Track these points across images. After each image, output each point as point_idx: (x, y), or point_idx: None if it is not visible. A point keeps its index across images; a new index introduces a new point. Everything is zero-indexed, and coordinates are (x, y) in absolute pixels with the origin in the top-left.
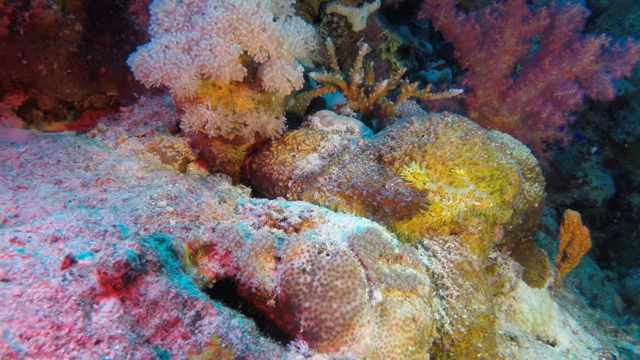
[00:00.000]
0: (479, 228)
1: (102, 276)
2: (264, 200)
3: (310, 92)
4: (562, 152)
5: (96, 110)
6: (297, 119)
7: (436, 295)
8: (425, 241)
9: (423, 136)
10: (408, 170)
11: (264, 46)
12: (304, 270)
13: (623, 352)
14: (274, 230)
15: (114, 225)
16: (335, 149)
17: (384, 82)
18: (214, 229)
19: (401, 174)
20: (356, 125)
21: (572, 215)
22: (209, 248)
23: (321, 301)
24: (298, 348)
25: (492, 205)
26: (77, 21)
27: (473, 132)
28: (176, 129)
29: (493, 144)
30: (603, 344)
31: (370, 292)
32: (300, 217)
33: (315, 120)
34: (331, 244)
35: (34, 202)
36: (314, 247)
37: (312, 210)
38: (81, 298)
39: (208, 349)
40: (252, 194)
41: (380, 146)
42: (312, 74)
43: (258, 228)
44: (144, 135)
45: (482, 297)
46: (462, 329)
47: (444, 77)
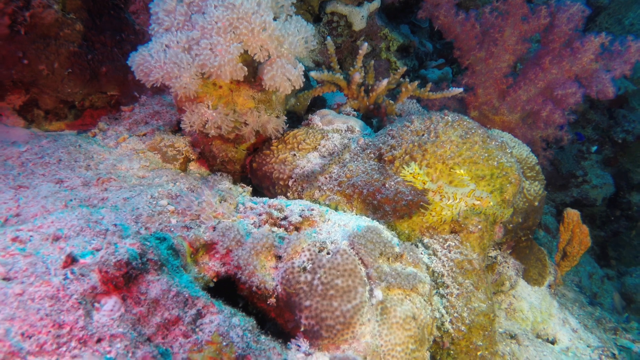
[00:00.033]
0: (479, 227)
1: (103, 275)
2: (264, 199)
3: (310, 91)
4: (562, 150)
5: (97, 110)
6: (297, 118)
7: (436, 293)
8: (426, 240)
9: (423, 135)
10: (407, 171)
11: (264, 45)
12: (304, 269)
13: (622, 350)
14: (275, 229)
15: (115, 224)
16: (336, 147)
17: (384, 81)
18: (214, 228)
19: (400, 174)
20: (356, 124)
21: (572, 214)
22: (209, 247)
23: (322, 300)
24: (299, 346)
25: (492, 204)
26: (77, 21)
27: (473, 131)
28: (177, 128)
29: (493, 143)
30: (602, 342)
31: (371, 290)
32: (300, 216)
33: (316, 119)
34: (332, 242)
35: (35, 201)
36: (315, 245)
37: (312, 209)
38: (82, 297)
39: (209, 347)
40: (252, 193)
41: (381, 145)
42: (312, 73)
43: (259, 227)
44: (144, 135)
45: (482, 295)
46: (462, 327)
47: (444, 76)
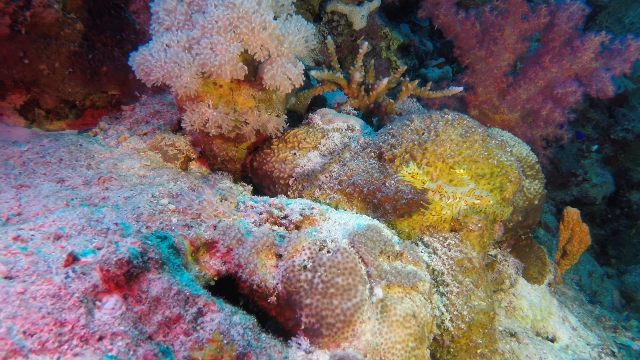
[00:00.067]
0: (479, 225)
1: (104, 273)
2: (265, 198)
3: (311, 91)
4: (562, 149)
5: (98, 109)
6: (298, 117)
7: (436, 291)
8: (426, 238)
9: (423, 134)
10: (406, 171)
11: (264, 44)
12: (305, 267)
13: (622, 348)
14: (275, 227)
15: (116, 223)
16: (336, 146)
17: (385, 80)
18: (215, 227)
19: (399, 174)
20: (357, 123)
21: (572, 213)
22: (210, 245)
23: (322, 298)
24: (299, 344)
25: (492, 202)
26: (78, 20)
27: (473, 130)
28: (177, 127)
29: (493, 142)
30: (602, 340)
31: (371, 288)
32: (301, 215)
33: (316, 118)
34: (332, 241)
35: (36, 201)
36: (315, 244)
37: (313, 207)
38: (84, 295)
39: (210, 345)
40: (253, 192)
41: (381, 144)
42: (312, 72)
43: (259, 226)
44: (145, 134)
45: (482, 293)
46: (462, 325)
47: (444, 75)
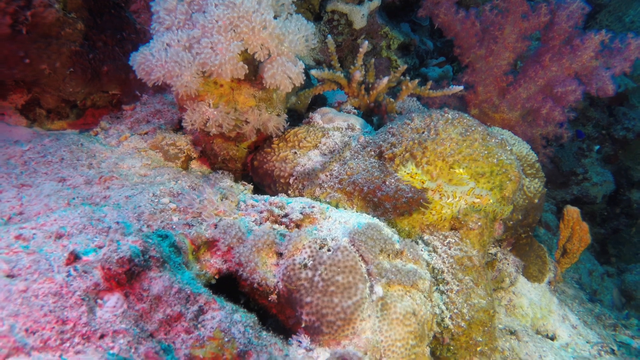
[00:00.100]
0: (479, 224)
1: (106, 272)
2: (265, 196)
3: (311, 90)
4: (562, 148)
5: (99, 109)
6: (298, 116)
7: (436, 289)
8: (426, 236)
9: (423, 132)
10: (404, 171)
11: (264, 44)
12: (305, 266)
13: (622, 346)
14: (276, 226)
15: (117, 222)
16: (336, 145)
17: (385, 79)
18: (216, 226)
19: (398, 174)
20: (357, 122)
21: (572, 211)
22: (211, 244)
23: (322, 296)
24: (300, 342)
25: (491, 201)
26: (78, 20)
27: (473, 129)
28: (178, 126)
29: (493, 140)
30: (602, 338)
31: (371, 286)
32: (301, 213)
33: (316, 117)
34: (332, 239)
35: (38, 200)
36: (315, 242)
37: (313, 206)
38: (85, 293)
39: (211, 343)
40: (253, 191)
41: (381, 143)
42: (313, 72)
43: (260, 224)
44: (146, 133)
45: (482, 291)
46: (462, 323)
47: (444, 74)
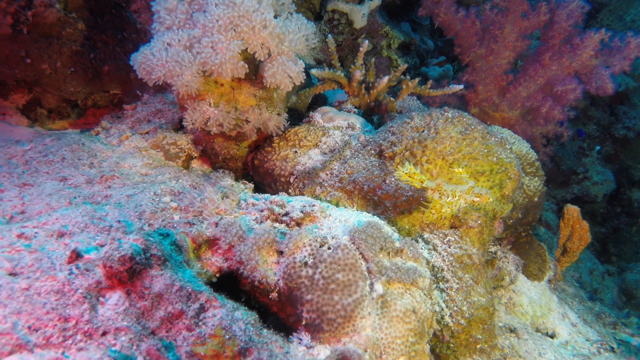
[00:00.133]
0: (479, 222)
1: (107, 270)
2: (266, 195)
3: (311, 89)
4: (562, 147)
5: (99, 109)
6: (298, 116)
7: (436, 287)
8: (426, 235)
9: (423, 131)
10: (402, 171)
11: (265, 43)
12: (305, 264)
13: (621, 344)
14: (277, 224)
15: (118, 221)
16: (337, 144)
17: (385, 78)
18: (217, 224)
19: (396, 174)
20: (357, 121)
21: (572, 210)
22: (212, 242)
23: (323, 294)
24: (300, 339)
25: (491, 200)
26: (79, 20)
27: (473, 127)
28: (179, 126)
29: (493, 139)
30: (602, 336)
31: (371, 284)
32: (302, 212)
33: (317, 116)
34: (332, 237)
35: (39, 199)
36: (316, 240)
37: (313, 205)
38: (87, 291)
39: (212, 340)
40: (254, 190)
41: (381, 141)
42: (313, 71)
43: (260, 223)
44: (147, 133)
45: (482, 289)
46: (462, 321)
47: (444, 74)
